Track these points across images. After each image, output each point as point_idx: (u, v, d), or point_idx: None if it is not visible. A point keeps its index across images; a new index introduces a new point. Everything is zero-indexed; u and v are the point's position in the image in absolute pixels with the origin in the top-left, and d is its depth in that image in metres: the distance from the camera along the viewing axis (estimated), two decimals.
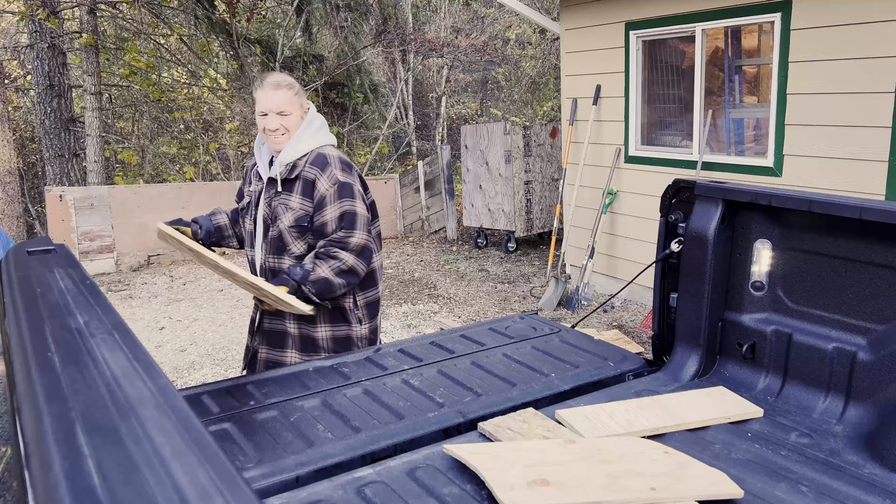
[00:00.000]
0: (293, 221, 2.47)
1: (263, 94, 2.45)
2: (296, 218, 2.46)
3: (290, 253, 2.50)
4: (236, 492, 0.61)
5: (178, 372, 5.00)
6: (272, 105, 2.43)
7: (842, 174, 4.58)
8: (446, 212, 9.56)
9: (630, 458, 1.62)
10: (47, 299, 1.18)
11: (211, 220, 2.68)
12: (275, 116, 2.43)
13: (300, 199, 2.47)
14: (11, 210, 8.93)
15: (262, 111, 2.45)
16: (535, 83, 15.49)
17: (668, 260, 2.36)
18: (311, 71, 11.10)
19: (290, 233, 2.48)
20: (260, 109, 2.46)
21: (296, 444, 1.72)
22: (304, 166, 2.46)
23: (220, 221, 2.70)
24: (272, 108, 2.43)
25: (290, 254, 2.50)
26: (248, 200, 2.62)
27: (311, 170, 2.45)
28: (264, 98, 2.45)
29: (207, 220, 2.67)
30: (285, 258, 2.51)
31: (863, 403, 1.92)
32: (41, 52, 10.13)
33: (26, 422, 0.75)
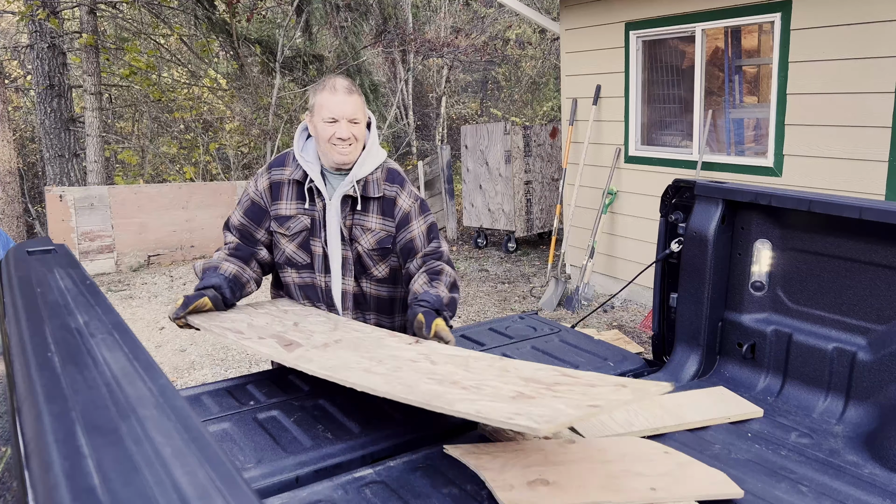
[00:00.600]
0: (375, 244, 2.25)
1: (334, 99, 2.15)
2: (378, 240, 2.25)
3: (372, 276, 2.30)
4: (236, 492, 0.61)
5: (178, 372, 5.00)
6: (346, 111, 2.14)
7: (842, 174, 4.58)
8: (446, 212, 9.56)
9: (630, 459, 1.62)
10: (47, 299, 1.18)
11: (222, 275, 2.19)
12: (347, 124, 2.14)
13: (380, 220, 2.25)
14: (11, 210, 8.93)
15: (331, 117, 2.14)
16: (535, 83, 15.50)
17: (668, 260, 2.36)
18: (311, 71, 11.10)
19: (370, 256, 2.26)
20: (329, 115, 2.14)
21: (296, 444, 1.72)
22: (380, 183, 2.24)
23: (231, 270, 2.22)
24: (345, 115, 2.13)
25: (370, 277, 2.30)
26: (306, 222, 2.25)
27: (391, 187, 2.24)
28: (336, 103, 2.14)
29: (219, 278, 2.17)
30: (363, 282, 2.30)
31: (863, 403, 1.92)
32: (41, 52, 10.13)
33: (26, 422, 0.75)
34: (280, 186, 2.26)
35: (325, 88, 2.18)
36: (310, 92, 2.27)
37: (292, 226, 2.26)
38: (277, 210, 2.27)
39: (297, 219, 2.25)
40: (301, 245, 2.27)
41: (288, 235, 2.27)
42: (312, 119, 2.20)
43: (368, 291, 2.32)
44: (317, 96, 2.18)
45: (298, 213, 2.25)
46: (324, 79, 2.24)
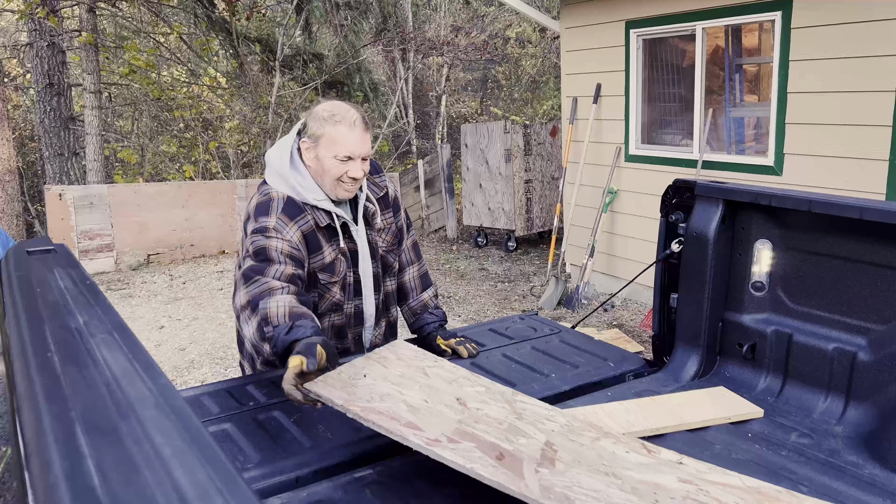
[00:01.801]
0: (391, 240, 2.25)
1: (352, 136, 1.97)
2: (392, 235, 2.25)
3: (391, 273, 2.29)
4: (236, 492, 0.61)
5: (178, 371, 5.00)
6: (363, 150, 2.00)
7: (842, 173, 4.58)
8: (446, 211, 9.55)
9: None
10: (47, 299, 1.18)
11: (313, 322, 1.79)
12: (360, 163, 2.00)
13: (385, 216, 2.23)
14: (11, 209, 8.93)
15: (346, 155, 1.97)
16: (536, 82, 15.49)
17: (669, 260, 2.36)
18: (311, 69, 11.10)
19: (390, 253, 2.26)
20: (344, 154, 1.97)
21: (296, 445, 1.72)
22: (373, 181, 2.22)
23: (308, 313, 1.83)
24: (361, 154, 2.00)
25: (391, 275, 2.30)
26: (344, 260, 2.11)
27: (380, 178, 2.24)
28: (354, 141, 1.97)
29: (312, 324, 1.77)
30: (387, 283, 2.29)
31: (863, 404, 1.92)
32: (41, 50, 10.12)
33: (26, 422, 0.75)
34: (314, 235, 2.03)
35: (341, 122, 1.97)
36: (313, 120, 2.01)
37: (340, 269, 2.10)
38: (322, 260, 2.05)
39: (338, 261, 2.10)
40: (342, 286, 2.14)
41: (336, 281, 2.10)
42: (317, 150, 1.99)
43: (389, 291, 2.33)
44: (329, 128, 1.97)
45: (337, 254, 2.09)
46: (331, 108, 2.01)
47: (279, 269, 1.90)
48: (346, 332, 2.23)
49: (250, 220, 2.03)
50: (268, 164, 2.10)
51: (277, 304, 1.78)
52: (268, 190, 2.05)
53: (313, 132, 2.00)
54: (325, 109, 2.02)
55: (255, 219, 1.99)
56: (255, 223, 1.98)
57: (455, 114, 16.43)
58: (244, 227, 2.06)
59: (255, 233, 1.96)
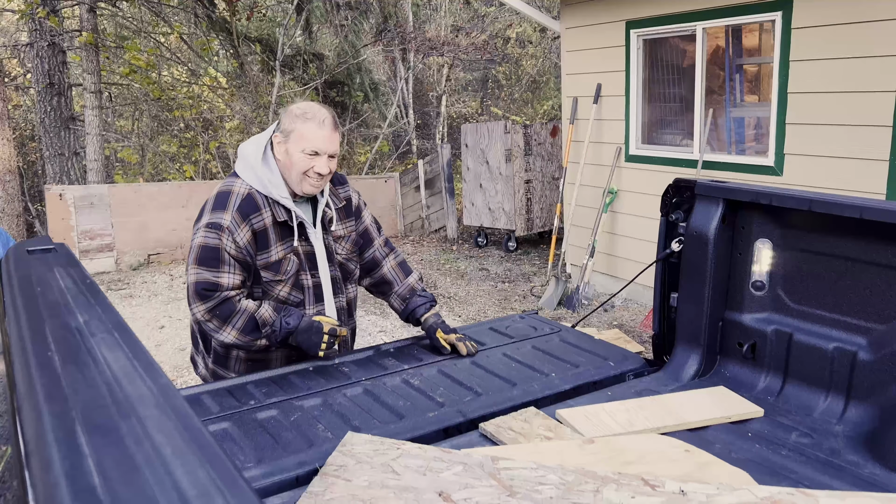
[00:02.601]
0: (351, 248, 2.31)
1: (321, 133, 2.06)
2: (352, 243, 2.31)
3: (352, 280, 2.36)
4: (236, 491, 0.61)
5: (179, 371, 5.00)
6: (330, 147, 2.08)
7: (842, 173, 4.58)
8: (446, 211, 9.55)
9: (649, 459, 1.62)
10: (47, 298, 1.18)
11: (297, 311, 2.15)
12: (327, 160, 2.08)
13: (345, 224, 2.29)
14: (11, 209, 8.93)
15: (313, 150, 2.05)
16: (536, 82, 15.50)
17: (669, 259, 2.36)
18: (312, 69, 11.10)
19: (350, 261, 2.33)
20: (311, 149, 2.05)
21: (296, 444, 1.72)
22: (335, 189, 2.28)
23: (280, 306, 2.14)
24: (328, 151, 2.08)
25: (351, 281, 2.36)
26: (296, 260, 2.16)
27: (343, 189, 2.30)
28: (322, 138, 2.06)
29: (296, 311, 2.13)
30: (349, 289, 2.35)
31: (863, 403, 1.92)
32: (41, 50, 10.12)
33: (26, 421, 0.75)
34: (265, 234, 2.08)
35: (311, 119, 2.06)
36: (286, 116, 2.11)
37: (287, 268, 2.14)
38: (267, 259, 2.10)
39: (288, 260, 2.14)
40: (294, 285, 2.17)
41: (284, 280, 2.14)
42: (286, 145, 2.07)
43: (351, 297, 2.39)
44: (299, 124, 2.06)
45: (286, 253, 2.13)
46: (305, 106, 2.11)
47: (230, 279, 2.04)
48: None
49: (206, 209, 2.10)
50: (241, 156, 2.16)
51: (259, 310, 2.07)
52: (232, 182, 2.12)
53: (285, 128, 2.09)
54: (298, 108, 2.12)
55: (212, 210, 2.08)
56: (210, 215, 2.07)
57: (455, 114, 16.43)
58: (201, 211, 2.13)
59: (209, 227, 2.05)
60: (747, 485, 1.54)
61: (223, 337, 2.07)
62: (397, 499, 1.39)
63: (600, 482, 1.47)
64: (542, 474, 1.49)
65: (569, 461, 1.58)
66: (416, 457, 1.55)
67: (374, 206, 9.66)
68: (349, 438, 1.67)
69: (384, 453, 1.58)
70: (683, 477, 1.54)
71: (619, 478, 1.49)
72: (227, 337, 2.06)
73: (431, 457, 1.56)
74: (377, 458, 1.55)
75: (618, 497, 1.42)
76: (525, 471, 1.51)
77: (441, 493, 1.42)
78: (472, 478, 1.48)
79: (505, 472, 1.50)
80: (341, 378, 2.13)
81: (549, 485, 1.46)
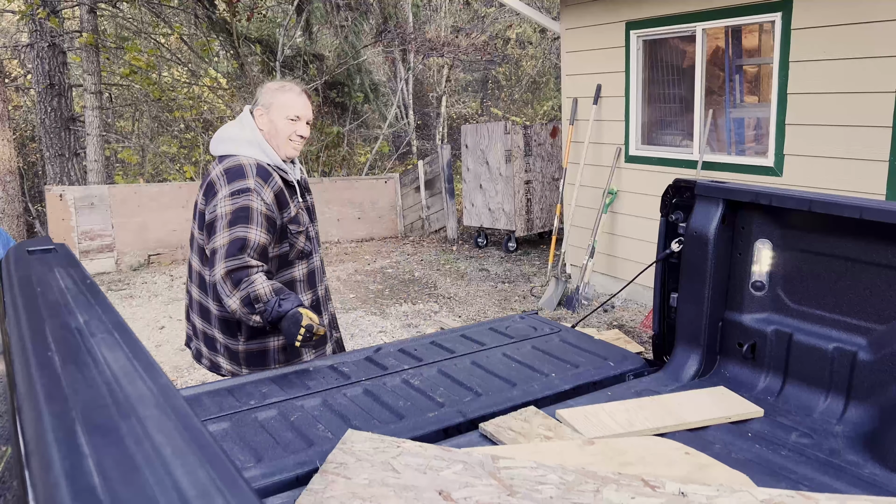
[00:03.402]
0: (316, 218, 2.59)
1: (300, 101, 2.36)
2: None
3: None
4: (236, 491, 0.61)
5: (178, 371, 5.00)
6: (307, 113, 2.37)
7: (842, 174, 4.58)
8: (446, 211, 9.55)
9: (649, 460, 1.62)
10: (47, 298, 1.18)
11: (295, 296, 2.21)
12: (305, 124, 2.37)
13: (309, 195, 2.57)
14: (12, 209, 8.93)
15: (295, 115, 2.33)
16: (536, 82, 15.50)
17: (669, 260, 2.36)
18: (312, 70, 11.10)
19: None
20: (294, 114, 2.33)
21: (296, 444, 1.72)
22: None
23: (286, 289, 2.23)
24: (306, 116, 2.37)
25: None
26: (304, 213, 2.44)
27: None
28: (301, 105, 2.35)
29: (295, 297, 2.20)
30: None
31: (863, 403, 1.92)
32: (41, 51, 10.13)
33: (26, 421, 0.75)
34: (282, 194, 2.31)
35: (290, 90, 2.35)
36: (265, 92, 2.37)
37: (302, 220, 2.39)
38: (289, 213, 2.33)
39: (301, 214, 2.39)
40: (306, 235, 2.42)
41: (302, 231, 2.39)
42: (269, 115, 2.32)
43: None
44: (278, 96, 2.33)
45: (297, 208, 2.38)
46: (279, 82, 2.42)
47: (256, 240, 2.17)
48: (316, 281, 2.49)
49: (222, 184, 2.23)
50: (227, 139, 2.33)
51: (263, 285, 2.12)
52: (236, 158, 2.28)
53: (266, 101, 2.34)
54: (273, 84, 2.40)
55: (231, 182, 2.22)
56: (232, 185, 2.21)
57: (455, 114, 16.43)
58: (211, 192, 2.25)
59: (236, 194, 2.19)
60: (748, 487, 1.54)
61: (229, 302, 2.13)
62: (397, 497, 1.38)
63: (600, 482, 1.46)
64: (542, 474, 1.49)
65: (569, 461, 1.58)
66: (417, 455, 1.54)
67: (374, 206, 9.66)
68: (349, 436, 1.67)
69: (384, 451, 1.56)
70: (683, 479, 1.54)
71: (619, 478, 1.49)
72: (233, 303, 2.12)
73: (432, 455, 1.55)
74: (377, 457, 1.54)
75: (618, 497, 1.41)
76: (525, 470, 1.50)
77: (441, 492, 1.41)
78: (472, 476, 1.47)
79: (505, 472, 1.49)
80: (341, 378, 2.13)
81: (549, 484, 1.45)
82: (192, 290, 2.47)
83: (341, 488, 1.42)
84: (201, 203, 2.31)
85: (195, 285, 2.43)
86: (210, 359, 2.48)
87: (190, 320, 2.54)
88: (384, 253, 8.82)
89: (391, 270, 7.87)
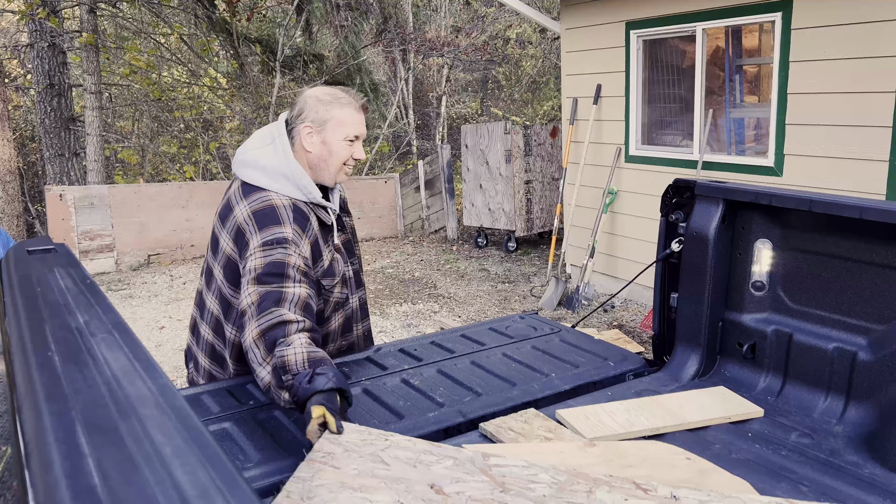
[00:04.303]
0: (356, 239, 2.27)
1: (359, 117, 1.96)
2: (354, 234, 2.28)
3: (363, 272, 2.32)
4: (236, 491, 0.61)
5: (179, 371, 5.00)
6: (365, 130, 2.01)
7: (842, 174, 4.58)
8: (446, 211, 9.55)
9: (650, 464, 1.62)
10: (47, 298, 1.18)
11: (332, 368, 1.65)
12: (361, 144, 2.01)
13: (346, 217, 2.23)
14: (11, 209, 8.93)
15: (354, 136, 1.95)
16: (536, 82, 15.50)
17: (669, 260, 2.36)
18: (312, 70, 11.10)
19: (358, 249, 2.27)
20: (353, 134, 1.95)
21: (295, 444, 1.72)
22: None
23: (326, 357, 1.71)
24: (364, 134, 2.01)
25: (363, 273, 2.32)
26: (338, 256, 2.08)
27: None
28: (360, 121, 1.97)
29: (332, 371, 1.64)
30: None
31: (863, 403, 1.92)
32: (41, 51, 10.13)
33: (27, 421, 0.75)
34: (316, 244, 1.95)
35: (347, 104, 1.94)
36: (314, 104, 1.94)
37: (336, 269, 2.05)
38: (322, 266, 1.98)
39: (335, 262, 2.05)
40: (343, 282, 2.11)
41: (338, 281, 2.06)
42: (322, 135, 1.93)
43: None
44: (334, 112, 1.92)
45: (331, 253, 2.04)
46: (331, 91, 1.97)
47: (295, 294, 1.77)
48: (353, 326, 2.25)
49: (253, 231, 1.86)
50: (257, 166, 1.94)
51: (295, 351, 1.65)
52: (265, 197, 1.90)
53: (319, 117, 1.93)
54: (324, 93, 1.96)
55: (264, 229, 1.85)
56: (265, 234, 1.84)
57: (455, 114, 16.43)
58: (241, 240, 1.88)
59: (270, 245, 1.82)
60: (746, 493, 1.53)
61: (262, 373, 1.69)
62: (388, 489, 1.35)
63: (592, 483, 1.46)
64: (533, 473, 1.47)
65: (569, 462, 1.58)
66: (406, 448, 1.51)
67: (374, 206, 9.66)
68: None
69: (372, 443, 1.51)
70: (682, 482, 1.54)
71: (610, 480, 1.48)
72: (266, 374, 1.68)
73: (421, 449, 1.51)
74: (365, 448, 1.49)
75: (610, 499, 1.41)
76: (516, 468, 1.48)
77: (433, 486, 1.38)
78: (464, 472, 1.45)
79: (496, 469, 1.48)
80: None
81: (541, 483, 1.44)
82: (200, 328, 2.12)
83: (330, 477, 1.37)
84: (228, 244, 1.93)
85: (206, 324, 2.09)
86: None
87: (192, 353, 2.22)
88: (384, 253, 8.82)
89: (391, 270, 7.87)
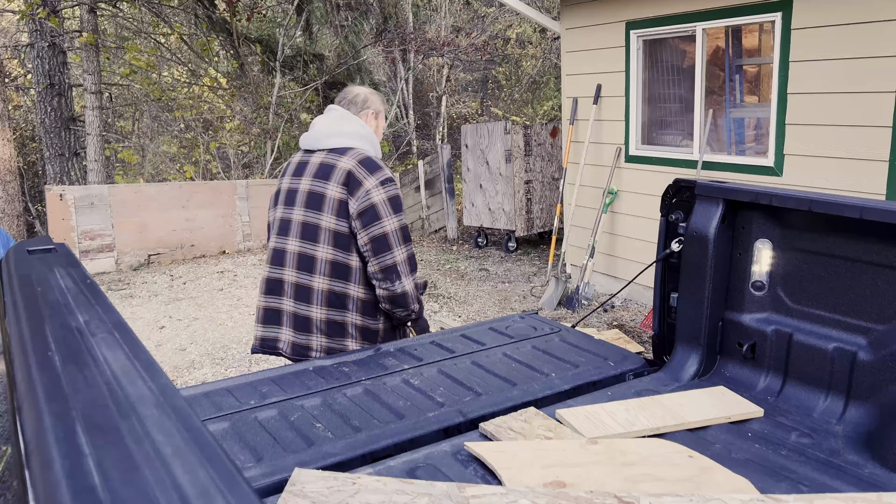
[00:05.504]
0: None
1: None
2: None
3: None
4: (237, 491, 0.61)
5: (178, 371, 5.00)
6: None
7: (842, 174, 4.58)
8: (446, 211, 9.55)
9: (652, 462, 1.62)
10: (47, 298, 1.18)
11: None
12: None
13: None
14: (12, 209, 8.93)
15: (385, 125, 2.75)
16: (536, 82, 15.50)
17: (669, 260, 2.36)
18: (312, 70, 11.10)
19: None
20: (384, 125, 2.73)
21: (296, 444, 1.72)
22: None
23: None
24: None
25: None
26: None
27: None
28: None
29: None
30: None
31: (863, 403, 1.92)
32: (41, 50, 10.13)
33: (26, 421, 0.75)
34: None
35: (384, 102, 2.72)
36: (376, 99, 2.64)
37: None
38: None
39: None
40: None
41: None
42: (379, 120, 2.65)
43: None
44: (383, 108, 2.68)
45: None
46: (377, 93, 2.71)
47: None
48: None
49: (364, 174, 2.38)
50: (348, 133, 2.48)
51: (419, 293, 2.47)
52: (360, 152, 2.46)
53: (379, 108, 2.63)
54: (376, 94, 2.67)
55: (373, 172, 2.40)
56: (377, 175, 2.39)
57: (455, 114, 16.43)
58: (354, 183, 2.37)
59: (386, 182, 2.41)
60: (746, 491, 1.53)
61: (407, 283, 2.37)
62: None
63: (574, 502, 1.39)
64: (513, 499, 1.39)
65: (571, 461, 1.58)
66: (376, 491, 1.42)
67: None
68: (298, 476, 1.51)
69: (339, 490, 1.42)
70: (684, 480, 1.54)
71: (591, 497, 1.40)
72: (409, 284, 2.38)
73: (392, 490, 1.42)
74: (333, 497, 1.39)
75: None
76: (495, 497, 1.40)
77: None
78: None
79: (474, 500, 1.39)
80: (341, 378, 2.13)
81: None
82: (313, 284, 2.40)
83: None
84: (336, 190, 2.36)
85: (320, 275, 2.39)
86: (303, 343, 2.43)
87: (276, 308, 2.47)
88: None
89: None
